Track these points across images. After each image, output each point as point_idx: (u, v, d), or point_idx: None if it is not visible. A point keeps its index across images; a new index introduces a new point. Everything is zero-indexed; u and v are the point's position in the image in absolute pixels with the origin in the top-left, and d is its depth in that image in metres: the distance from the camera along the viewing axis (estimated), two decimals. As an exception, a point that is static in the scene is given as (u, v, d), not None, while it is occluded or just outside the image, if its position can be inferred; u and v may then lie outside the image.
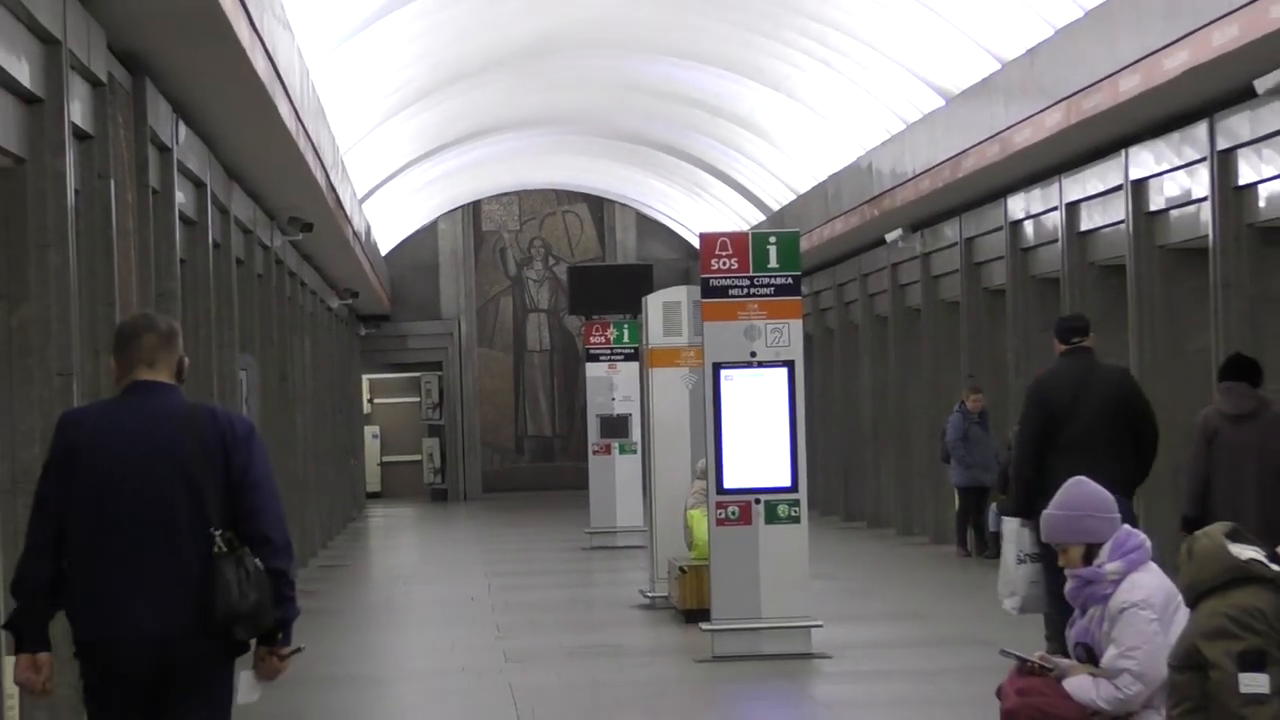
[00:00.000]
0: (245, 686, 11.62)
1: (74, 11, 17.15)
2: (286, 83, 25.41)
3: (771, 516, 23.58)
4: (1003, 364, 36.26)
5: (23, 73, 15.63)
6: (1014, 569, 19.87)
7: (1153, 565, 11.15)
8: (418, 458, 68.24)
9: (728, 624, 23.46)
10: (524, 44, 46.66)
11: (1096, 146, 30.83)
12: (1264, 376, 19.15)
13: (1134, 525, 12.71)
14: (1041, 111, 30.49)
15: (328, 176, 34.35)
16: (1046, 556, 19.30)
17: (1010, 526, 20.07)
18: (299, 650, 11.64)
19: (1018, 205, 36.31)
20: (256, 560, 11.46)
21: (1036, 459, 20.34)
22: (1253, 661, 10.02)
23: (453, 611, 30.86)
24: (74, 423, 11.94)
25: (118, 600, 11.27)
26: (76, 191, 16.96)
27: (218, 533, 11.44)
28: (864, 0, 38.42)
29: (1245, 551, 10.42)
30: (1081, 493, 11.63)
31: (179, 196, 23.72)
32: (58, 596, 11.44)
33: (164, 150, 22.46)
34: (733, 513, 23.61)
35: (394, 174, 55.81)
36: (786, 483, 23.69)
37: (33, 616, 11.47)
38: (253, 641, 11.45)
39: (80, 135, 17.52)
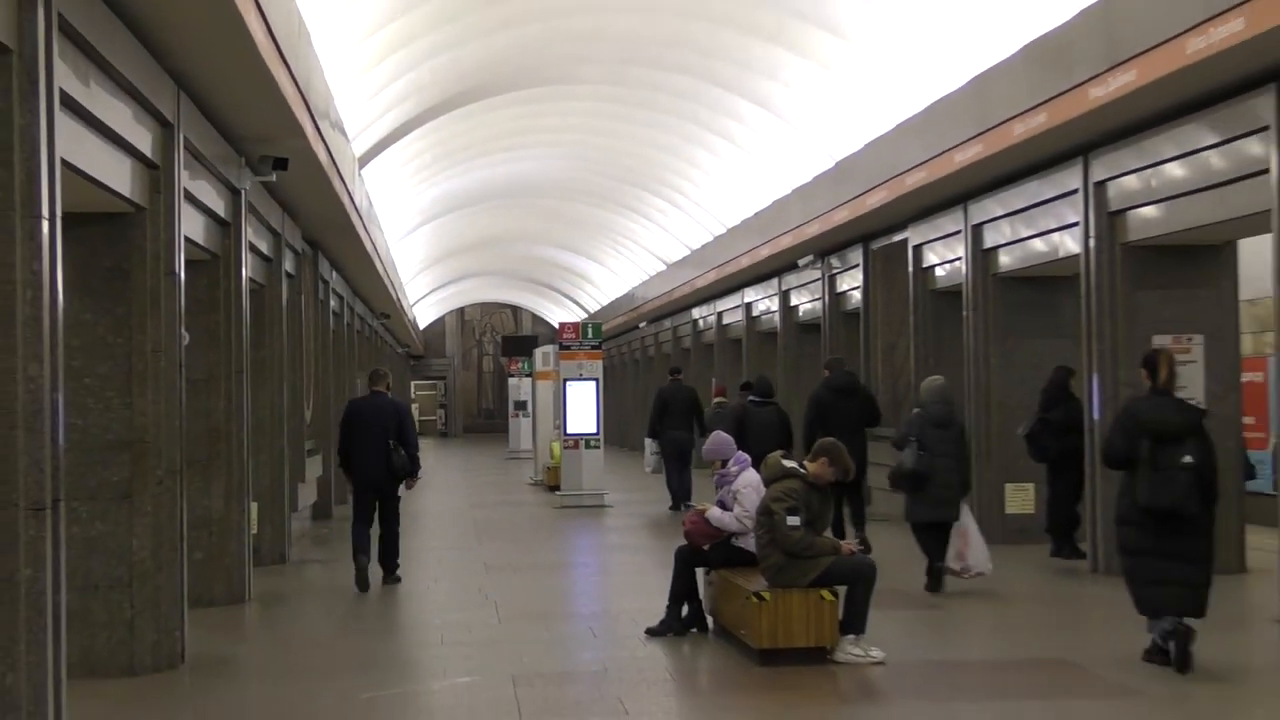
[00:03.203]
0: (403, 490, 14.79)
1: (288, 221, 17.03)
2: (380, 254, 25.25)
3: (588, 446, 23.54)
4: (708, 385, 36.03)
5: (263, 246, 15.50)
6: (650, 456, 23.12)
7: (751, 469, 11.16)
8: (434, 417, 67.77)
9: (568, 493, 23.40)
10: (482, 240, 46.46)
11: (726, 286, 30.90)
12: (775, 391, 19.14)
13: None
14: (714, 269, 30.55)
15: (398, 294, 34.16)
16: (661, 454, 22.56)
17: (649, 442, 23.15)
18: (419, 479, 14.84)
19: (731, 303, 36.16)
20: (404, 452, 14.36)
21: (658, 420, 22.47)
22: (791, 510, 10.04)
23: (448, 487, 30.70)
24: (352, 403, 15.10)
25: (364, 460, 14.39)
26: (287, 300, 16.82)
27: (391, 442, 14.32)
28: (633, 217, 38.39)
29: (789, 463, 10.45)
30: (720, 438, 11.61)
31: (332, 303, 23.50)
32: (349, 458, 14.47)
33: (325, 283, 22.31)
34: (571, 444, 23.59)
35: (426, 294, 55.60)
36: (594, 431, 23.58)
37: (344, 464, 14.60)
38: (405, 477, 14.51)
39: (289, 275, 17.37)
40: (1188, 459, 9.29)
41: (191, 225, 11.49)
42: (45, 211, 7.00)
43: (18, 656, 6.69)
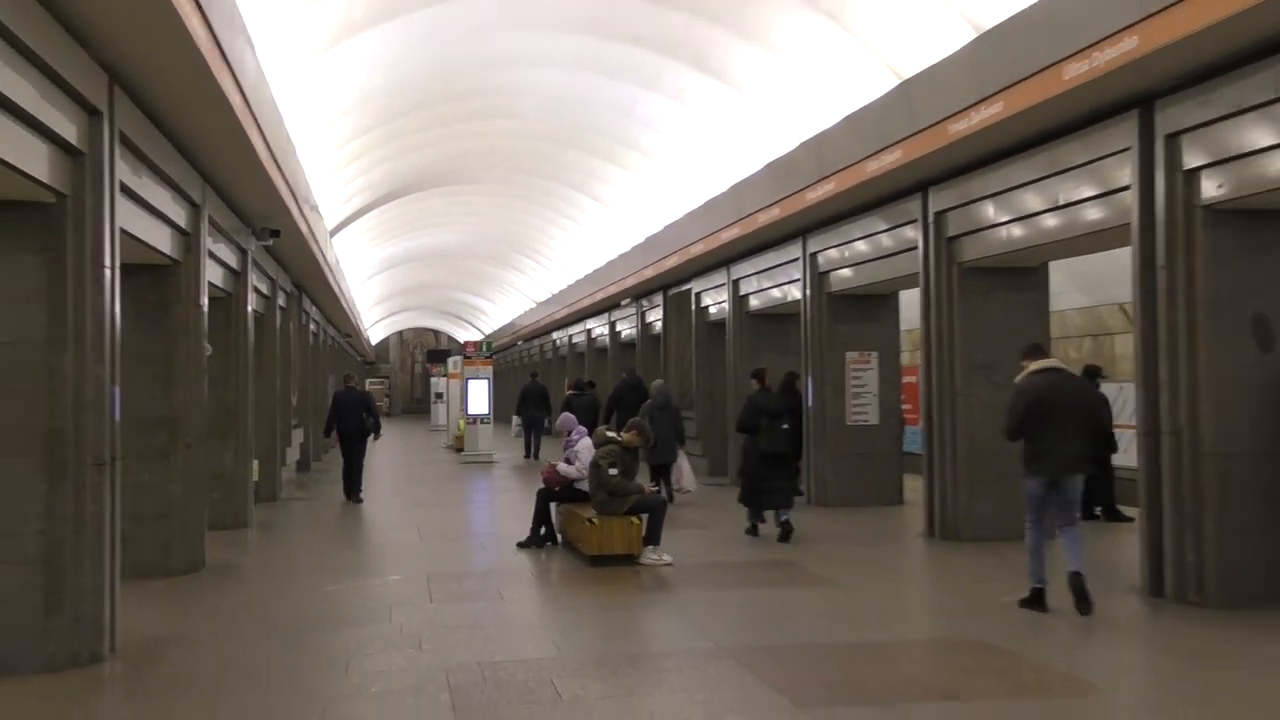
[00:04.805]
0: (370, 442, 14.79)
1: (280, 271, 16.65)
2: (345, 294, 24.79)
3: (482, 423, 23.01)
4: (561, 383, 35.61)
5: (264, 288, 15.18)
6: (515, 427, 22.76)
7: (587, 437, 11.17)
8: (382, 404, 65.17)
9: (468, 454, 22.88)
10: (416, 286, 45.59)
11: (575, 318, 30.74)
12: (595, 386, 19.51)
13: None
14: (566, 306, 30.30)
15: (358, 321, 33.53)
16: (522, 425, 21.84)
17: (515, 418, 22.83)
18: (380, 436, 14.93)
19: (578, 329, 35.80)
20: (374, 419, 14.60)
21: (521, 405, 22.20)
22: (612, 465, 10.10)
23: (389, 449, 29.96)
24: (337, 394, 14.87)
25: (347, 426, 14.55)
26: (280, 325, 16.47)
27: (363, 414, 14.51)
28: (514, 271, 38.03)
29: (609, 434, 10.55)
30: (567, 417, 11.61)
31: (311, 327, 22.98)
32: (334, 427, 14.74)
33: (307, 313, 21.82)
34: (471, 421, 23.18)
35: (377, 321, 54.45)
36: (486, 413, 23.18)
37: (328, 431, 15.12)
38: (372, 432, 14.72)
39: (281, 308, 17.02)
40: (785, 425, 11.31)
41: (213, 274, 11.27)
42: (108, 263, 6.88)
43: (85, 565, 6.59)
